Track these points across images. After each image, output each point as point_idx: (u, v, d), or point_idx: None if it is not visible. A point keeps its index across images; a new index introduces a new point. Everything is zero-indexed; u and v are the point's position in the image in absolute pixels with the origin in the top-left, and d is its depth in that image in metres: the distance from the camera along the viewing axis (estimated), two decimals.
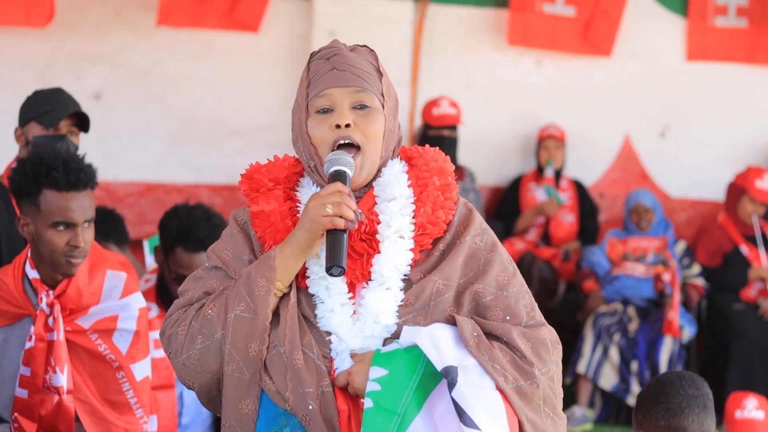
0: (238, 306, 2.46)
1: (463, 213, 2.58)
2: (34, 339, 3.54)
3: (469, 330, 2.42)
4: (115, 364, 3.62)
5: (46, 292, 3.56)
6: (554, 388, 2.49)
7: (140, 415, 3.67)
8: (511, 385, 2.41)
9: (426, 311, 2.46)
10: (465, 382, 2.35)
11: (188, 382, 2.54)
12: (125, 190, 7.31)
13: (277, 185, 2.58)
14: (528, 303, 2.53)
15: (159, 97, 7.46)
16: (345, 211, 2.40)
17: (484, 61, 7.84)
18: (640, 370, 6.97)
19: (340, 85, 2.51)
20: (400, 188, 2.53)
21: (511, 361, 2.43)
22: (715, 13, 7.83)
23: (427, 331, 2.39)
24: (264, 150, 7.54)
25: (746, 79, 8.05)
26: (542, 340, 2.48)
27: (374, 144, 2.52)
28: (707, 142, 8.04)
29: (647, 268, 7.34)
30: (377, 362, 2.38)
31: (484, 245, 2.54)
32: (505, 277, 2.52)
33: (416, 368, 2.38)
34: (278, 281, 2.46)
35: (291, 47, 7.56)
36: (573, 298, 7.48)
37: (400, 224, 2.50)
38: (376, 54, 2.61)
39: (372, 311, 2.45)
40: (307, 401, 2.39)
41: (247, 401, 2.46)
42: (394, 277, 2.47)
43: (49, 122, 4.11)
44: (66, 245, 3.51)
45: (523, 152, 7.98)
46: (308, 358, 2.42)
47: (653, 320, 7.12)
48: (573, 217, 7.79)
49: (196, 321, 2.50)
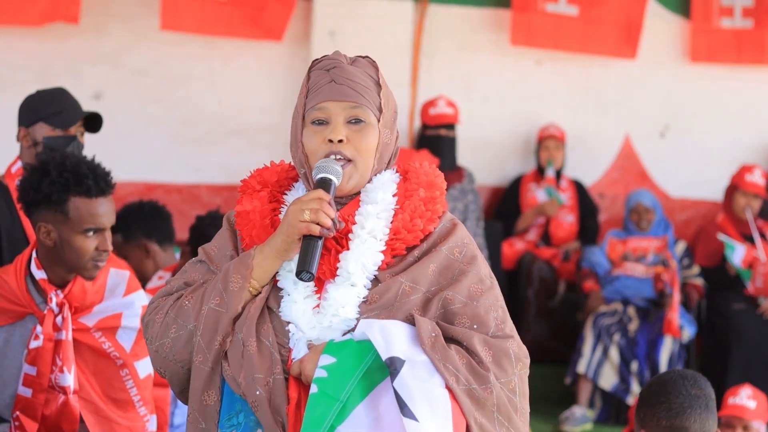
0: (213, 299, 2.52)
1: (446, 226, 2.59)
2: (42, 338, 3.55)
3: (428, 330, 2.43)
4: (119, 361, 3.63)
5: (56, 292, 3.57)
6: (514, 400, 2.48)
7: (143, 413, 3.68)
8: (463, 386, 2.41)
9: (389, 310, 2.47)
10: (410, 375, 2.36)
11: (160, 369, 2.60)
12: (125, 190, 7.31)
13: (264, 188, 2.64)
14: (499, 316, 2.52)
15: (159, 97, 7.46)
16: (322, 218, 2.44)
17: (484, 61, 7.85)
18: (640, 370, 6.97)
19: (337, 99, 2.55)
20: (384, 194, 2.56)
21: (467, 365, 2.42)
22: (720, 14, 7.80)
23: (380, 324, 2.42)
24: (264, 150, 7.55)
25: (746, 79, 8.05)
26: (505, 350, 2.47)
27: (366, 158, 2.56)
28: (707, 142, 8.05)
29: (647, 268, 7.35)
30: (328, 351, 2.41)
31: (462, 257, 2.55)
32: (479, 289, 2.52)
33: (365, 358, 2.40)
34: (254, 280, 2.51)
35: (291, 47, 7.56)
36: (573, 298, 7.49)
37: (374, 226, 2.52)
38: (376, 66, 2.64)
39: (333, 304, 2.48)
40: (255, 387, 2.43)
41: (210, 392, 2.51)
42: (359, 275, 2.49)
43: (62, 123, 4.09)
44: (95, 250, 3.53)
45: (523, 152, 7.98)
46: (263, 345, 2.47)
47: (653, 320, 7.12)
48: (573, 217, 7.79)
49: (172, 310, 2.57)
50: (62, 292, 3.57)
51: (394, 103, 2.66)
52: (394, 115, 2.64)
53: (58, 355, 3.54)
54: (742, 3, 7.81)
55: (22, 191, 3.59)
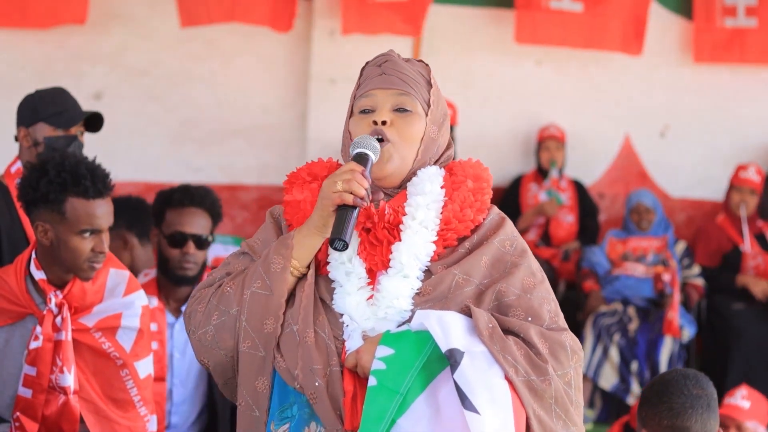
0: (254, 283, 2.51)
1: (495, 219, 2.61)
2: (41, 339, 3.55)
3: (485, 321, 2.43)
4: (119, 361, 3.63)
5: (55, 292, 3.57)
6: (570, 393, 2.47)
7: (144, 413, 3.68)
8: (522, 377, 2.41)
9: (443, 302, 2.47)
10: (470, 366, 2.35)
11: (203, 359, 2.58)
12: (125, 190, 7.29)
13: (314, 180, 2.63)
14: (552, 309, 2.53)
15: (159, 97, 7.46)
16: (354, 187, 2.44)
17: (484, 61, 7.84)
18: (640, 370, 6.97)
19: (384, 87, 2.58)
20: (432, 186, 2.56)
21: (525, 356, 2.43)
22: (723, 13, 7.78)
23: (437, 314, 2.41)
24: (264, 150, 7.56)
25: (746, 79, 8.05)
26: (561, 342, 2.48)
27: (408, 144, 2.56)
28: (707, 142, 8.05)
29: (647, 268, 7.35)
30: (385, 342, 2.40)
31: (513, 250, 2.55)
32: (531, 282, 2.53)
33: (423, 350, 2.38)
34: (295, 260, 2.51)
35: (291, 47, 7.56)
36: (573, 298, 7.49)
37: (425, 217, 2.53)
38: (429, 69, 2.66)
39: (387, 296, 2.47)
40: (315, 378, 2.42)
41: (262, 379, 2.50)
42: (412, 266, 2.49)
43: (63, 123, 4.09)
44: (91, 251, 3.53)
45: (523, 152, 7.98)
46: (319, 337, 2.46)
47: (653, 320, 7.12)
48: (573, 217, 7.79)
49: (214, 298, 2.56)
50: (61, 293, 3.57)
51: (445, 108, 2.67)
52: (444, 117, 2.64)
53: (57, 355, 3.54)
54: (745, 2, 7.78)
55: (21, 190, 3.59)
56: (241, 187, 7.51)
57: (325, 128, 7.57)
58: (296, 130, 7.62)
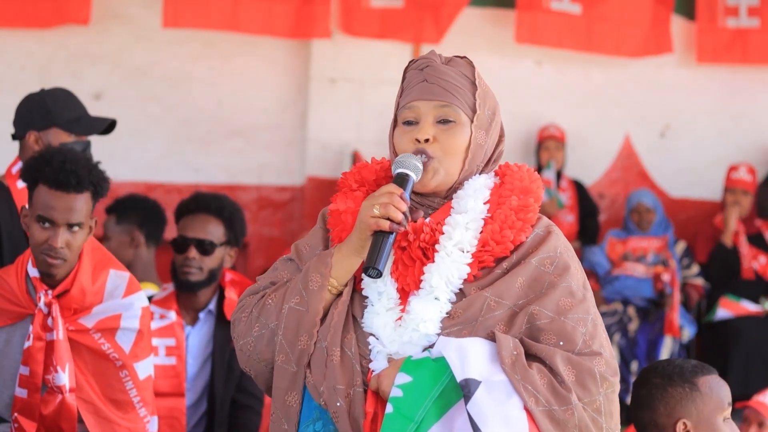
0: (293, 298, 2.49)
1: (540, 235, 2.53)
2: (32, 338, 3.54)
3: (509, 348, 2.38)
4: (118, 363, 3.62)
5: (45, 291, 3.56)
6: (599, 421, 2.40)
7: (143, 414, 3.67)
8: (542, 408, 2.35)
9: (472, 325, 2.42)
10: (485, 398, 2.32)
11: (246, 368, 2.57)
12: (125, 190, 7.29)
13: (361, 186, 2.60)
14: (588, 331, 2.43)
15: (159, 97, 7.46)
16: (391, 212, 2.40)
17: (484, 61, 7.79)
18: (640, 370, 6.97)
19: (427, 98, 2.53)
20: (474, 202, 2.51)
21: (547, 385, 2.37)
22: (725, 14, 7.77)
23: (457, 343, 2.37)
24: (264, 150, 7.56)
25: (746, 79, 8.05)
26: (590, 369, 2.39)
27: (453, 157, 2.51)
28: (707, 142, 8.04)
29: (647, 268, 7.35)
30: (405, 369, 2.38)
31: (553, 269, 2.47)
32: (569, 303, 2.44)
33: (440, 378, 2.36)
34: (333, 278, 2.49)
35: (291, 47, 7.56)
36: None
37: (461, 237, 2.47)
38: (473, 66, 2.62)
39: (415, 318, 2.44)
40: (337, 398, 2.41)
41: (293, 394, 2.49)
42: (443, 288, 2.45)
43: (81, 131, 4.07)
44: (44, 243, 3.51)
45: (523, 152, 7.98)
46: (345, 356, 2.44)
47: (653, 320, 7.12)
48: (573, 217, 7.79)
49: (256, 309, 2.55)
50: (53, 292, 3.56)
51: (494, 104, 2.62)
52: (492, 116, 2.60)
53: (51, 355, 3.54)
54: (747, 2, 7.77)
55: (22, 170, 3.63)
56: (240, 187, 7.51)
57: (325, 128, 7.57)
58: (296, 130, 7.62)
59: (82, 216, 3.54)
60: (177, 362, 4.46)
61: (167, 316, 4.55)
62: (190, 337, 4.56)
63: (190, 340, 4.55)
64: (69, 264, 3.55)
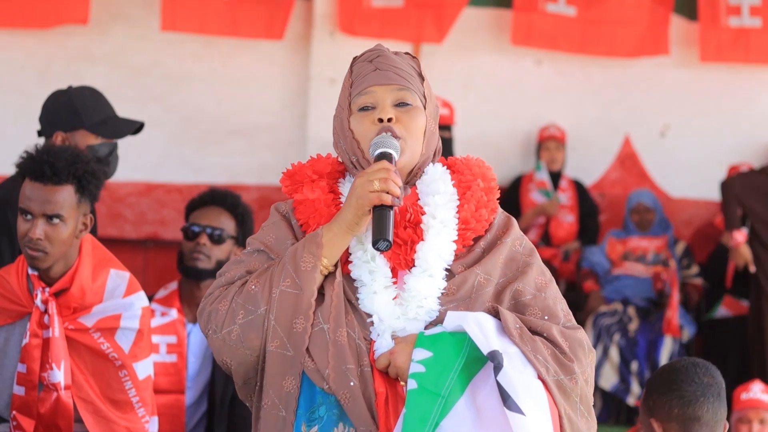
0: (283, 281, 2.48)
1: (503, 219, 2.62)
2: (29, 336, 3.55)
3: (513, 321, 2.45)
4: (117, 362, 3.62)
5: (42, 289, 3.56)
6: (587, 391, 2.50)
7: (142, 414, 3.67)
8: (553, 377, 2.42)
9: (467, 302, 2.48)
10: (510, 368, 2.36)
11: (226, 360, 2.52)
12: (125, 190, 7.31)
13: (321, 178, 2.61)
14: (565, 307, 2.57)
15: (159, 97, 7.46)
16: (392, 187, 2.43)
17: (484, 61, 7.84)
18: (640, 370, 6.98)
19: (383, 83, 2.56)
20: (444, 185, 2.57)
21: (552, 355, 2.44)
22: (727, 13, 7.78)
23: (474, 316, 2.42)
24: (264, 150, 7.56)
25: (746, 79, 8.05)
26: (580, 340, 2.50)
27: (415, 139, 2.55)
28: (707, 142, 8.04)
29: (647, 268, 7.35)
30: (421, 344, 2.40)
31: (523, 249, 2.58)
32: (543, 281, 2.56)
33: (461, 351, 2.39)
34: (325, 258, 2.49)
35: (291, 47, 7.56)
36: (573, 298, 7.48)
37: (444, 216, 2.53)
38: (418, 61, 2.66)
39: (416, 295, 2.47)
40: (349, 377, 2.41)
41: (290, 379, 2.47)
42: (437, 265, 2.50)
43: (110, 134, 4.06)
44: (25, 235, 3.51)
45: (523, 152, 7.98)
46: (350, 336, 2.45)
47: (653, 320, 7.13)
48: (573, 217, 7.79)
49: (238, 297, 2.51)
50: (50, 290, 3.56)
51: (436, 101, 2.67)
52: (437, 110, 2.65)
53: (48, 352, 3.54)
54: (749, 2, 7.77)
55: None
56: (241, 187, 7.50)
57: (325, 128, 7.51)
58: (296, 130, 7.62)
59: (62, 208, 3.51)
60: (178, 359, 4.47)
61: (169, 313, 4.56)
62: (192, 335, 4.57)
63: (192, 338, 4.56)
64: (52, 257, 3.53)
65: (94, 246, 3.69)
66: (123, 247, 6.65)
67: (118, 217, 7.34)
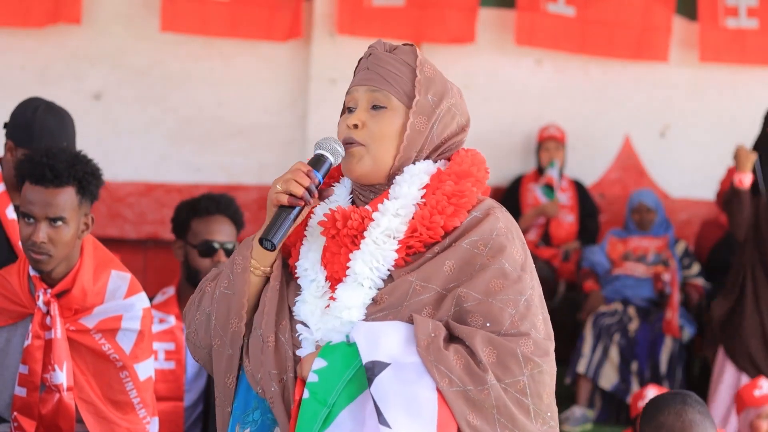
0: (222, 283, 2.55)
1: (476, 218, 2.49)
2: (31, 337, 3.55)
3: (427, 330, 2.36)
4: (118, 363, 3.63)
5: (44, 290, 3.56)
6: (524, 402, 2.38)
7: (143, 415, 3.68)
8: (456, 388, 2.32)
9: (398, 310, 2.41)
10: (391, 380, 2.31)
11: (194, 357, 2.63)
12: (125, 190, 7.31)
13: None
14: (519, 312, 2.41)
15: (159, 97, 7.45)
16: (292, 187, 2.45)
17: (484, 61, 7.84)
18: (640, 369, 6.97)
19: (362, 84, 2.56)
20: (409, 188, 2.50)
21: (464, 366, 2.34)
22: (725, 14, 7.79)
23: (368, 326, 2.38)
24: (264, 150, 7.55)
25: (746, 79, 8.05)
26: (511, 350, 2.37)
27: (380, 144, 2.51)
28: (707, 142, 8.04)
29: (647, 268, 7.35)
30: (322, 354, 2.39)
31: (487, 251, 2.44)
32: (499, 284, 2.41)
33: (353, 362, 2.36)
34: (254, 260, 2.52)
35: (291, 47, 7.56)
36: (573, 298, 7.49)
37: (389, 224, 2.47)
38: (416, 53, 2.64)
39: (339, 306, 2.44)
40: (271, 383, 2.43)
41: (231, 376, 2.53)
42: (368, 275, 2.45)
43: None
44: (28, 238, 3.51)
45: (523, 152, 7.98)
46: (279, 342, 2.46)
47: (653, 320, 7.12)
48: (573, 217, 7.79)
49: (197, 297, 2.62)
50: (52, 291, 3.56)
51: (442, 90, 2.63)
52: (439, 103, 2.60)
53: (50, 354, 3.54)
54: (746, 3, 7.79)
55: None
56: (241, 187, 7.50)
57: (325, 128, 7.51)
58: (296, 130, 7.62)
59: (64, 210, 3.53)
60: (176, 366, 4.46)
61: (167, 320, 4.55)
62: None
63: None
64: (56, 259, 3.54)
65: (95, 247, 3.69)
66: (123, 247, 6.66)
67: (118, 217, 7.34)
